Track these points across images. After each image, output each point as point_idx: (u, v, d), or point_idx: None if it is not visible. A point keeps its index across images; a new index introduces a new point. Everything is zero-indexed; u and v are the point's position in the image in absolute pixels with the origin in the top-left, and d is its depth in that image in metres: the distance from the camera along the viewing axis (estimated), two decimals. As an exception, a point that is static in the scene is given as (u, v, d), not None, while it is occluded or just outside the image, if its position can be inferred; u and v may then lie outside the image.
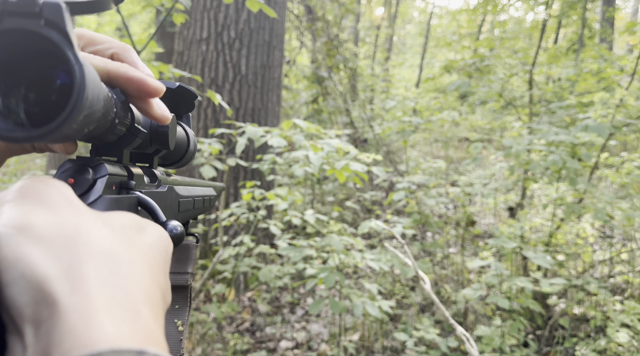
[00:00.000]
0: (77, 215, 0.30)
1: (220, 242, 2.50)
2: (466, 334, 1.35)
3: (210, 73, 4.04)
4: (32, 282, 0.25)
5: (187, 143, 0.58)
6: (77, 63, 0.30)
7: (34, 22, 0.30)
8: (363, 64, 9.38)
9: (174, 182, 0.57)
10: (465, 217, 3.59)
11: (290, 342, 3.28)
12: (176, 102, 0.58)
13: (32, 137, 0.31)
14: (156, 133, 0.48)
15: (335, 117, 6.66)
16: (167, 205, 0.52)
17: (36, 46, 0.31)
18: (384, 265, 2.26)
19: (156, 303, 0.31)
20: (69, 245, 0.27)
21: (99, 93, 0.33)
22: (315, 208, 4.84)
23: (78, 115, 0.31)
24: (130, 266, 0.30)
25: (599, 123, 2.51)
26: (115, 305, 0.26)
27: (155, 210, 0.44)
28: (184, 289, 0.58)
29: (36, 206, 0.29)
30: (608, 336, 2.67)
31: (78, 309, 0.25)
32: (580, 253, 3.77)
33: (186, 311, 0.57)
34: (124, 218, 0.34)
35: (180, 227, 0.42)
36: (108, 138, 0.41)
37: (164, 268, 0.36)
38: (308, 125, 2.26)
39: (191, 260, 0.60)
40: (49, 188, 0.31)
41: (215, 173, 1.98)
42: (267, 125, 4.22)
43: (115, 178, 0.42)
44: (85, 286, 0.26)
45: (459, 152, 8.84)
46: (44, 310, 0.25)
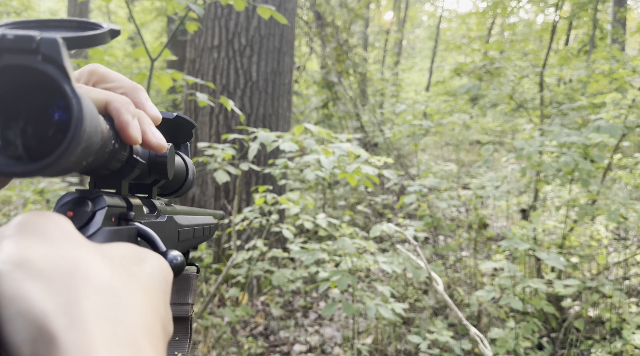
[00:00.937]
0: (75, 249, 0.29)
1: (233, 246, 2.53)
2: (480, 335, 1.35)
3: (221, 80, 4.09)
4: (30, 319, 0.25)
5: (185, 172, 0.58)
6: (74, 97, 0.31)
7: (32, 57, 0.30)
8: (372, 69, 9.40)
9: (174, 211, 0.57)
10: (478, 220, 3.59)
11: (304, 346, 3.29)
12: (174, 132, 0.58)
13: (30, 171, 0.31)
14: (155, 163, 0.48)
15: (346, 122, 6.68)
16: (166, 235, 0.52)
17: (34, 80, 0.32)
18: (397, 268, 2.27)
19: (157, 336, 0.31)
20: (67, 280, 0.27)
21: (96, 125, 0.33)
22: (327, 212, 4.85)
23: (76, 148, 0.31)
24: (129, 299, 0.30)
25: (611, 124, 2.50)
26: (114, 340, 0.26)
27: (155, 240, 0.44)
28: (184, 320, 0.57)
29: (35, 240, 0.29)
30: (624, 339, 2.65)
31: (77, 346, 0.25)
32: (594, 256, 3.73)
33: (187, 343, 0.56)
34: (123, 250, 0.34)
35: (180, 257, 0.42)
36: (106, 169, 0.41)
37: (164, 299, 0.35)
38: (319, 130, 2.28)
39: (191, 290, 0.59)
40: (47, 222, 0.31)
41: (228, 178, 2.01)
42: (278, 130, 4.25)
43: (115, 209, 0.42)
44: (84, 322, 0.26)
45: (471, 155, 8.81)
46: (42, 347, 0.24)
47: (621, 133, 2.79)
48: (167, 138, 0.56)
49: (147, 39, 11.31)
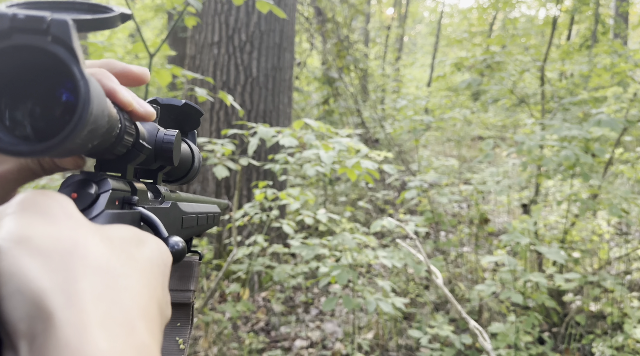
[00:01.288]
0: (75, 229, 0.30)
1: (234, 241, 2.53)
2: (479, 328, 1.35)
3: (222, 76, 4.08)
4: (27, 296, 0.25)
5: (191, 159, 0.58)
6: (82, 79, 0.31)
7: (42, 38, 0.30)
8: (374, 65, 9.38)
9: (178, 198, 0.57)
10: (479, 215, 3.58)
11: (305, 341, 3.30)
12: (182, 119, 0.58)
13: (36, 151, 0.31)
14: (161, 149, 0.48)
15: (347, 118, 6.67)
16: (170, 222, 0.52)
17: (43, 61, 0.32)
18: (397, 263, 2.27)
19: (153, 318, 0.31)
20: (65, 259, 0.27)
21: (103, 108, 0.34)
22: (328, 208, 4.85)
23: (82, 130, 0.31)
24: (126, 280, 0.30)
25: (612, 117, 2.49)
26: (110, 319, 0.26)
27: (158, 225, 0.44)
28: (186, 307, 0.57)
29: (36, 218, 0.29)
30: (625, 333, 2.65)
31: (72, 324, 0.25)
32: (596, 250, 3.73)
33: (188, 329, 0.56)
34: (123, 231, 0.34)
35: (182, 243, 0.42)
36: (112, 153, 0.41)
37: (162, 282, 0.35)
38: (319, 125, 2.28)
39: (194, 277, 0.59)
40: (50, 201, 0.31)
41: (228, 173, 2.01)
42: (279, 126, 4.25)
43: (119, 193, 0.42)
44: (80, 300, 0.26)
45: (472, 151, 8.79)
46: (39, 324, 0.25)
47: (622, 127, 2.78)
48: (175, 126, 0.57)
49: (148, 36, 11.31)
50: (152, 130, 0.48)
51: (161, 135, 0.48)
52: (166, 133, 0.48)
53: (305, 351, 3.16)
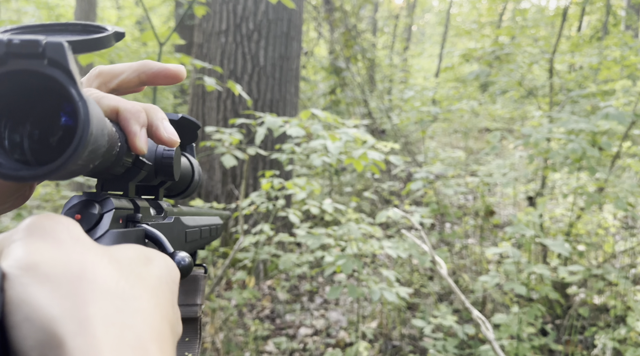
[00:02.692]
0: (83, 252, 0.29)
1: (240, 230, 2.56)
2: (482, 317, 1.37)
3: (229, 65, 4.08)
4: (37, 325, 0.25)
5: (191, 173, 0.58)
6: (80, 100, 0.31)
7: (38, 62, 0.30)
8: (381, 54, 9.33)
9: (180, 212, 0.57)
10: (484, 207, 3.59)
11: (310, 329, 3.34)
12: (179, 133, 0.55)
13: (38, 175, 0.31)
14: (161, 165, 0.48)
15: (353, 108, 6.66)
16: (174, 236, 0.53)
17: (41, 85, 0.32)
18: (402, 253, 2.29)
19: (165, 339, 0.31)
20: (74, 284, 0.27)
21: (102, 128, 0.34)
22: (333, 198, 4.87)
23: (83, 151, 0.31)
24: (137, 303, 0.30)
25: (620, 111, 2.48)
26: (122, 345, 0.26)
27: (163, 241, 0.44)
28: (193, 321, 0.57)
29: (43, 244, 0.29)
30: (628, 326, 2.66)
31: (84, 351, 0.24)
32: (601, 244, 3.73)
33: (196, 343, 0.57)
34: (130, 251, 0.34)
35: (188, 258, 0.42)
36: (113, 172, 0.41)
37: (171, 300, 0.35)
38: (326, 115, 2.29)
39: (200, 291, 0.59)
40: (55, 225, 0.30)
41: (235, 162, 2.03)
42: (286, 116, 4.25)
43: (122, 212, 0.42)
44: (91, 326, 0.26)
45: (479, 143, 8.76)
46: (50, 353, 0.25)
47: (630, 121, 2.77)
48: None
49: (155, 24, 11.28)
50: (151, 146, 0.48)
51: (160, 151, 0.48)
52: (165, 149, 0.48)
53: (309, 339, 3.20)
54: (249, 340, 2.99)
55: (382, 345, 2.99)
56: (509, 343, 2.20)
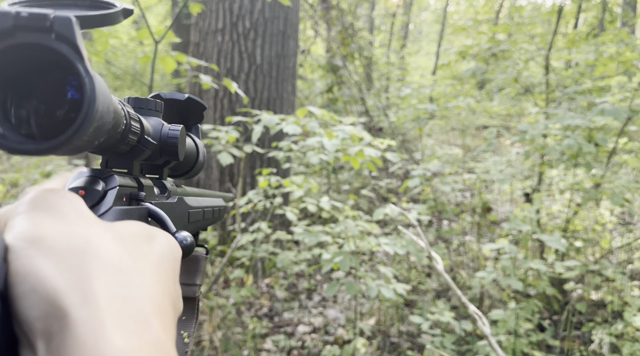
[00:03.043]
0: (87, 227, 0.30)
1: (237, 228, 2.56)
2: (478, 312, 1.37)
3: (226, 63, 4.08)
4: (43, 296, 0.25)
5: (196, 154, 0.59)
6: (87, 76, 0.31)
7: (45, 36, 0.30)
8: (378, 53, 9.32)
9: (184, 192, 0.57)
10: (482, 204, 3.60)
11: (308, 327, 3.34)
12: (185, 114, 0.58)
13: (43, 149, 0.31)
14: (166, 144, 0.48)
15: (351, 106, 6.66)
16: (177, 216, 0.53)
17: (47, 59, 0.32)
18: (399, 250, 2.29)
19: (167, 313, 0.31)
20: (78, 258, 0.27)
21: (109, 105, 0.34)
22: (331, 196, 4.87)
23: (88, 127, 0.31)
24: (139, 278, 0.30)
25: (616, 107, 2.49)
26: (125, 317, 0.27)
27: (165, 220, 0.44)
28: (191, 301, 0.58)
29: (47, 217, 0.29)
30: (625, 321, 2.67)
31: (88, 322, 0.25)
32: (598, 240, 3.74)
33: (193, 322, 0.57)
34: (133, 228, 0.35)
35: (190, 238, 0.42)
36: (118, 149, 0.41)
37: (173, 277, 0.36)
38: (323, 113, 2.29)
39: (200, 271, 0.60)
40: (60, 199, 0.31)
41: (232, 160, 2.03)
42: (283, 114, 4.26)
43: (126, 189, 0.42)
44: (94, 299, 0.26)
45: (477, 140, 8.77)
46: (55, 323, 0.25)
47: (626, 117, 2.78)
48: (179, 120, 0.58)
49: (152, 23, 11.26)
50: (157, 125, 0.48)
51: (166, 130, 0.48)
52: (171, 129, 0.48)
53: (308, 337, 3.21)
54: (247, 338, 2.99)
55: (381, 342, 3.00)
56: (506, 339, 2.21)
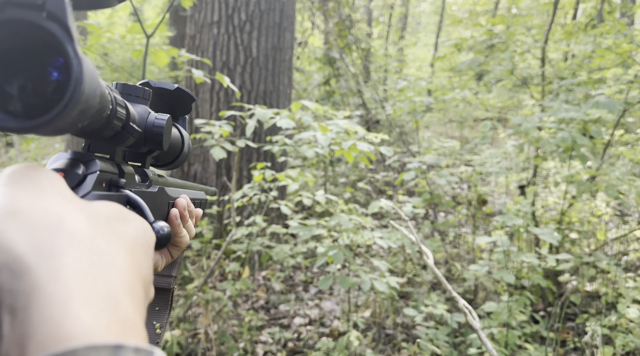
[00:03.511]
0: (62, 205, 0.30)
1: (233, 222, 2.57)
2: (468, 306, 1.38)
3: (221, 56, 4.07)
4: (12, 268, 0.25)
5: (181, 145, 0.58)
6: (75, 57, 0.30)
7: (36, 13, 0.29)
8: (376, 44, 9.28)
9: (165, 183, 0.56)
10: (477, 196, 3.61)
11: (304, 319, 3.36)
12: (174, 104, 0.58)
13: (25, 128, 0.31)
14: (151, 133, 0.48)
15: (348, 99, 6.65)
16: (156, 206, 0.52)
17: (37, 37, 0.31)
18: (393, 244, 2.30)
19: (137, 295, 0.31)
20: (51, 234, 0.27)
21: (95, 88, 0.33)
22: (328, 189, 4.88)
23: (73, 109, 0.31)
24: (111, 257, 0.30)
25: (611, 99, 2.49)
26: (94, 295, 0.26)
27: (144, 209, 0.44)
28: (165, 292, 0.58)
29: (25, 192, 0.29)
30: (619, 312, 2.69)
31: (55, 298, 0.25)
32: (594, 231, 3.75)
33: (166, 314, 0.57)
34: (109, 209, 0.34)
35: (167, 228, 0.42)
36: (102, 134, 0.41)
37: (146, 262, 0.36)
38: (317, 107, 2.29)
39: (177, 263, 0.60)
40: (39, 175, 0.31)
41: (225, 155, 2.03)
42: (279, 107, 4.25)
43: (106, 175, 0.42)
44: (64, 275, 0.26)
45: (474, 132, 8.76)
46: (22, 298, 0.25)
47: (621, 109, 2.77)
48: (166, 110, 0.58)
49: (149, 15, 11.20)
50: (143, 113, 0.48)
51: (152, 119, 0.48)
52: (157, 118, 0.48)
53: (303, 329, 3.23)
54: (243, 330, 3.01)
55: (376, 333, 3.01)
56: (499, 332, 2.23)
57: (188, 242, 0.56)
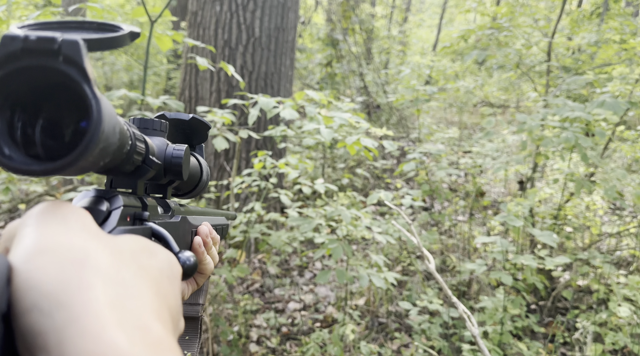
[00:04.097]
0: (87, 240, 0.30)
1: (231, 208, 2.56)
2: (467, 312, 1.39)
3: (223, 35, 3.99)
4: (40, 309, 0.26)
5: (200, 173, 0.59)
6: (94, 98, 0.31)
7: (53, 59, 0.31)
8: (379, 25, 9.15)
9: (187, 212, 0.57)
10: (475, 189, 3.61)
11: (298, 304, 3.39)
12: (190, 133, 0.59)
13: (49, 170, 0.32)
14: (170, 164, 0.48)
15: (349, 81, 6.58)
16: (180, 235, 0.53)
17: (55, 81, 0.32)
18: (391, 239, 2.31)
19: (166, 322, 0.32)
20: (77, 269, 0.28)
21: (114, 126, 0.34)
22: (326, 173, 4.87)
23: (94, 148, 0.32)
24: (136, 290, 0.31)
25: (616, 100, 2.47)
26: (126, 323, 0.27)
27: (169, 240, 0.44)
28: (194, 320, 0.59)
29: (53, 229, 0.30)
30: (609, 310, 2.72)
31: (89, 330, 0.25)
32: (589, 226, 3.78)
33: (196, 342, 0.57)
34: (134, 243, 0.35)
35: (193, 258, 0.43)
36: (123, 169, 0.42)
37: (173, 292, 0.36)
38: (321, 97, 2.26)
39: (203, 291, 0.60)
40: (67, 212, 0.32)
41: (227, 146, 2.01)
42: (280, 89, 4.20)
43: (130, 209, 0.43)
44: (94, 308, 0.26)
45: (474, 118, 8.73)
46: (53, 336, 0.25)
47: (625, 109, 2.76)
48: (183, 140, 0.59)
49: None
50: (162, 145, 0.49)
51: (170, 150, 0.49)
52: (175, 148, 0.49)
53: (298, 314, 3.26)
54: (238, 313, 3.03)
55: (369, 321, 3.05)
56: (493, 330, 2.26)
57: (212, 269, 0.57)
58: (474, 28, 3.26)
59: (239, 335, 2.92)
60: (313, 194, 4.37)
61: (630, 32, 3.53)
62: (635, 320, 2.63)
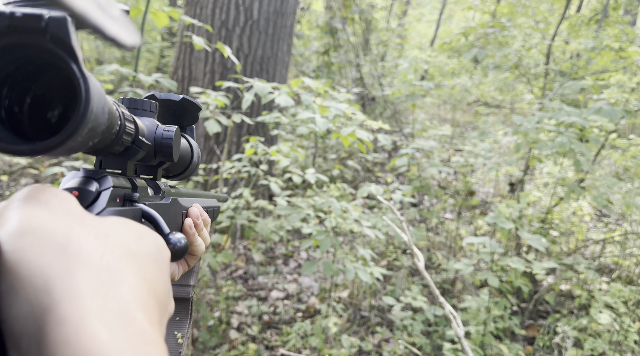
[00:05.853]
0: (70, 225, 0.30)
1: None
2: (454, 313, 1.38)
3: (221, 15, 3.91)
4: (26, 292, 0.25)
5: (190, 155, 0.59)
6: (81, 76, 0.30)
7: (40, 37, 0.29)
8: (378, 16, 9.08)
9: (178, 193, 0.57)
10: (465, 188, 3.60)
11: (281, 293, 3.37)
12: (180, 114, 0.58)
13: (37, 150, 0.31)
14: (160, 145, 0.48)
15: (345, 71, 6.52)
16: (171, 217, 0.53)
17: (42, 60, 0.31)
18: (380, 233, 2.29)
19: (151, 310, 0.31)
20: (58, 255, 0.27)
21: (103, 106, 0.33)
22: (317, 163, 4.83)
23: (83, 128, 0.31)
24: (122, 275, 0.30)
25: (612, 108, 2.47)
26: (107, 312, 0.26)
27: (159, 222, 0.44)
28: (185, 301, 0.59)
29: (37, 213, 0.29)
30: (590, 316, 2.74)
31: (69, 319, 0.25)
32: (574, 231, 3.80)
33: (187, 323, 0.58)
34: (120, 227, 0.34)
35: (184, 239, 0.43)
36: (113, 150, 0.41)
37: (160, 277, 0.36)
38: (317, 86, 2.22)
39: (194, 272, 0.61)
40: (51, 196, 0.31)
41: (219, 129, 1.96)
42: (276, 75, 4.14)
43: (119, 190, 0.42)
44: (75, 296, 0.26)
45: (467, 116, 8.74)
46: (36, 321, 0.25)
47: (620, 117, 2.76)
48: (173, 121, 0.59)
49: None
50: (152, 126, 0.48)
51: (160, 131, 0.48)
52: (165, 129, 0.48)
53: (280, 303, 3.24)
54: (220, 299, 3.00)
55: (351, 314, 3.04)
56: (476, 331, 2.26)
57: (204, 250, 0.57)
58: (475, 25, 3.24)
59: (220, 321, 2.90)
60: (302, 183, 4.34)
61: (628, 40, 3.52)
62: (615, 327, 2.65)
